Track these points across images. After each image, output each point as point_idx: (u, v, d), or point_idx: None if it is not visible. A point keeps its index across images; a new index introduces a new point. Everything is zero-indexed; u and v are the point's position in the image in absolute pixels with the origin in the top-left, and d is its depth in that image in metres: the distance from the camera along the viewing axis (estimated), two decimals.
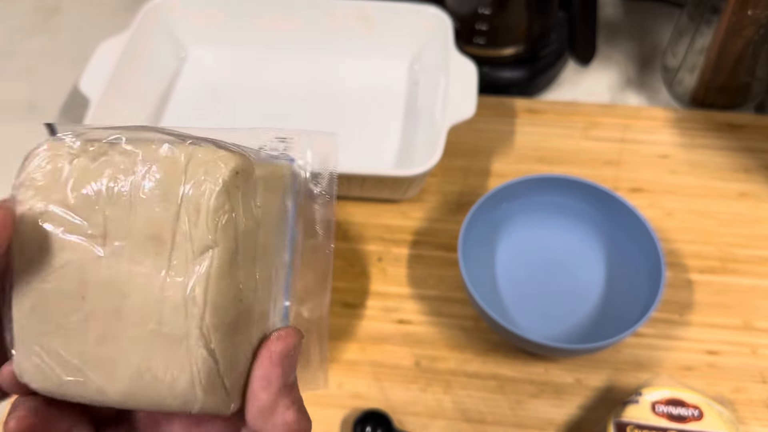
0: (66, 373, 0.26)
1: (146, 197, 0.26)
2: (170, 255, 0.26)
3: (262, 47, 0.71)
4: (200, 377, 0.26)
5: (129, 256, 0.26)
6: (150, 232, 0.26)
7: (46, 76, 0.76)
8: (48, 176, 0.26)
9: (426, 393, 0.51)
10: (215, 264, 0.25)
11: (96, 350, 0.26)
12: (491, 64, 0.68)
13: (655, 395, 0.45)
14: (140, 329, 0.26)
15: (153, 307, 0.26)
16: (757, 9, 0.57)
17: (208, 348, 0.26)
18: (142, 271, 0.26)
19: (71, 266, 0.26)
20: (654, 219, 0.59)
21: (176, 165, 0.26)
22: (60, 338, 0.26)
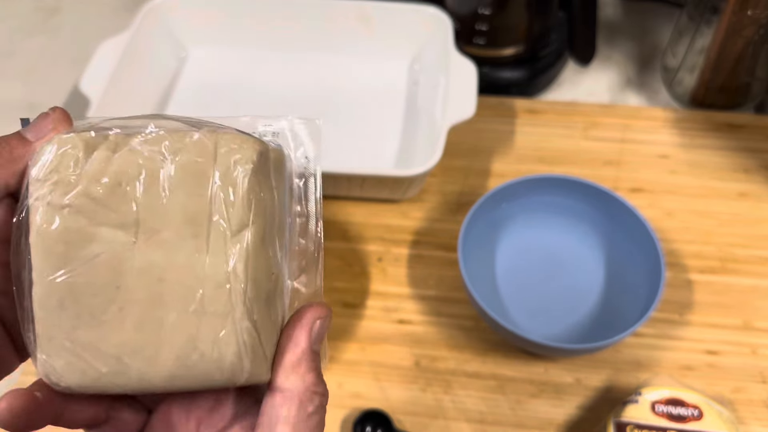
0: (104, 366, 0.26)
1: (178, 183, 0.27)
2: (208, 236, 0.26)
3: (262, 47, 0.71)
4: (246, 349, 0.27)
5: (165, 242, 0.26)
6: (186, 217, 0.26)
7: (46, 76, 0.76)
8: (66, 169, 0.26)
9: (426, 393, 0.51)
10: (252, 241, 0.27)
11: (135, 338, 0.26)
12: (491, 64, 0.68)
13: (655, 395, 0.45)
14: (182, 311, 0.26)
15: (195, 288, 0.26)
16: (757, 9, 0.57)
17: (252, 320, 0.27)
18: (181, 254, 0.26)
19: (102, 257, 0.26)
20: (654, 219, 0.59)
21: (206, 150, 0.27)
22: (95, 331, 0.26)
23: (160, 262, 0.26)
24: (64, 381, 0.26)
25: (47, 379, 0.26)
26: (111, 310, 0.26)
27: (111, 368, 0.26)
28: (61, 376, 0.26)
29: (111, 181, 0.26)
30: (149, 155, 0.26)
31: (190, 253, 0.26)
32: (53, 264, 0.26)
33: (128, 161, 0.26)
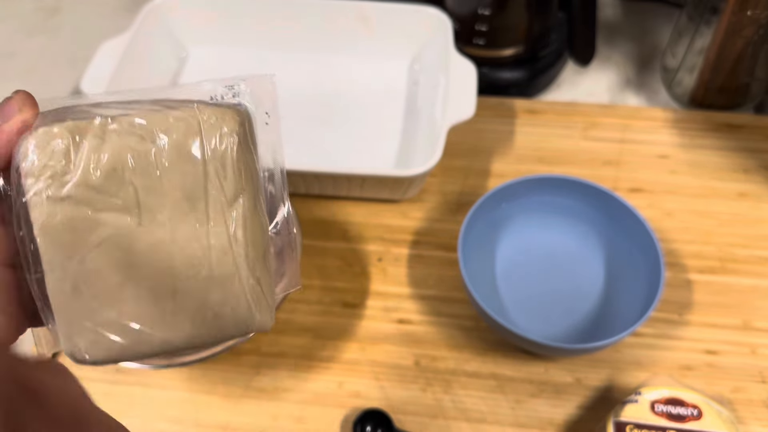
0: (128, 338, 0.28)
1: (171, 162, 0.28)
2: (206, 209, 0.29)
3: (262, 47, 0.71)
4: (254, 303, 0.30)
5: (168, 219, 0.28)
6: (184, 193, 0.28)
7: (47, 77, 0.76)
8: (59, 162, 0.26)
9: (426, 392, 0.51)
10: (247, 206, 0.29)
11: (153, 308, 0.28)
12: (491, 64, 0.68)
13: (655, 395, 0.45)
14: (194, 278, 0.29)
15: (202, 257, 0.29)
16: (757, 9, 0.57)
17: (255, 277, 0.30)
18: (184, 228, 0.28)
19: (110, 241, 0.27)
20: (653, 219, 0.59)
21: (191, 127, 0.28)
22: (114, 309, 0.28)
23: (165, 237, 0.28)
24: (91, 357, 0.28)
25: (73, 358, 0.28)
26: (127, 288, 0.28)
27: (134, 339, 0.29)
28: (87, 354, 0.28)
29: (106, 168, 0.27)
30: (139, 139, 0.28)
31: (193, 226, 0.28)
32: (63, 253, 0.27)
33: (120, 147, 0.27)
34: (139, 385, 0.52)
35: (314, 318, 0.55)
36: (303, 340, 0.54)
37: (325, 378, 0.52)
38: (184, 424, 0.50)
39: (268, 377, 0.52)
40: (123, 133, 0.27)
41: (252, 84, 0.32)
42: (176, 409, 0.51)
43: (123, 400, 0.51)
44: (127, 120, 0.28)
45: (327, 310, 0.55)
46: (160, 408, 0.51)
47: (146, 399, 0.51)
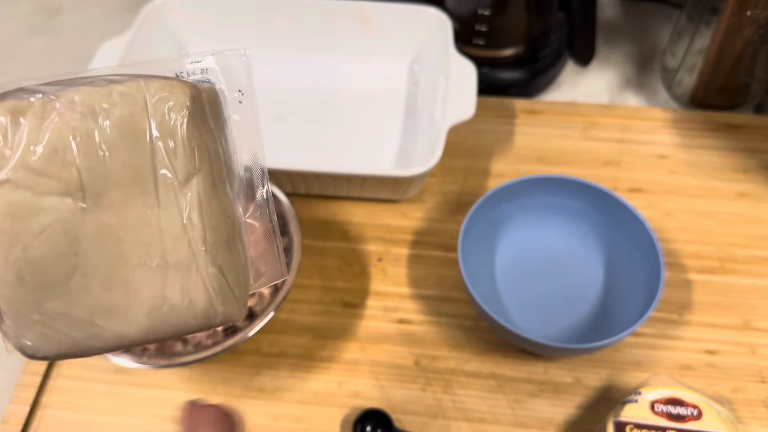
0: (78, 332, 0.26)
1: (116, 140, 0.26)
2: (156, 190, 0.26)
3: (262, 48, 0.71)
4: (215, 293, 0.27)
5: (114, 202, 0.26)
6: (130, 174, 0.26)
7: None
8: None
9: (426, 392, 0.51)
10: (202, 188, 0.27)
11: (104, 299, 0.26)
12: (491, 64, 0.68)
13: (654, 394, 0.45)
14: (146, 267, 0.26)
15: (154, 243, 0.26)
16: (756, 9, 0.57)
17: (216, 265, 0.27)
18: (133, 212, 0.26)
19: (54, 227, 0.25)
20: (653, 219, 0.59)
21: (136, 102, 0.26)
22: (62, 299, 0.26)
23: (113, 223, 0.26)
24: (41, 352, 0.26)
25: (22, 352, 0.26)
26: (75, 278, 0.26)
27: (85, 332, 0.26)
28: (37, 348, 0.26)
29: (47, 148, 0.25)
30: (80, 117, 0.26)
31: (142, 210, 0.26)
32: (4, 241, 0.25)
33: (60, 126, 0.25)
34: (139, 385, 0.52)
35: (314, 318, 0.55)
36: (303, 340, 0.54)
37: (325, 378, 0.52)
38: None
39: (268, 377, 0.52)
40: (64, 112, 0.25)
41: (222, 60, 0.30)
42: (176, 409, 0.51)
43: (123, 400, 0.51)
44: (67, 97, 0.25)
45: (327, 310, 0.55)
46: (160, 408, 0.51)
47: (146, 399, 0.51)
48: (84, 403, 0.52)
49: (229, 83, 0.30)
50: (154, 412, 0.51)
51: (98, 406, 0.51)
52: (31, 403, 0.51)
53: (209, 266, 0.27)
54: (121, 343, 0.27)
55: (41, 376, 0.52)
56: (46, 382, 0.52)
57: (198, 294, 0.27)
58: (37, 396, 0.52)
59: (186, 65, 0.29)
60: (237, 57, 0.30)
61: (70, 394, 0.52)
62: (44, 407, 0.51)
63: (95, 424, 0.51)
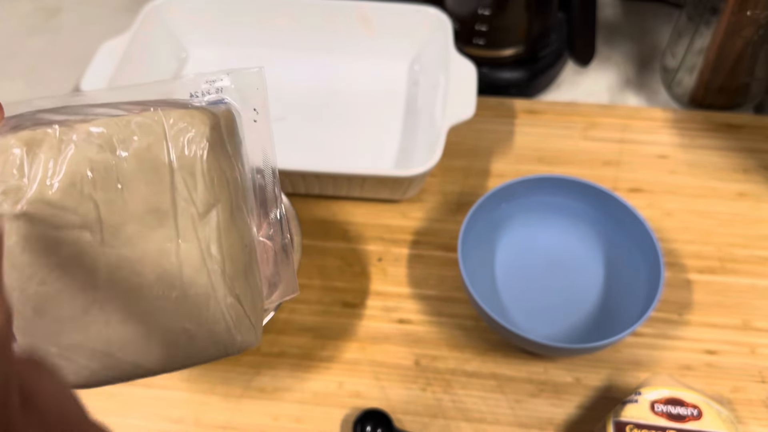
0: (96, 363, 0.26)
1: (134, 173, 0.25)
2: (176, 223, 0.26)
3: (262, 48, 0.71)
4: (233, 323, 0.27)
5: (133, 235, 0.26)
6: (149, 207, 0.26)
7: (47, 77, 0.76)
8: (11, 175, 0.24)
9: (426, 392, 0.51)
10: (221, 219, 0.27)
11: (122, 331, 0.26)
12: (491, 64, 0.68)
13: (654, 394, 0.45)
14: (165, 299, 0.26)
15: (173, 275, 0.26)
16: (756, 9, 0.57)
17: (234, 295, 0.27)
18: (152, 244, 0.26)
19: (72, 260, 0.25)
20: (653, 219, 0.59)
21: (155, 134, 0.26)
22: (79, 332, 0.26)
23: (131, 255, 0.26)
24: None
25: None
26: (92, 310, 0.26)
27: (103, 364, 0.26)
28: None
29: (64, 181, 0.25)
30: (97, 149, 0.25)
31: (161, 243, 0.26)
32: (20, 275, 0.25)
33: (78, 158, 0.25)
34: (140, 385, 0.52)
35: (314, 318, 0.55)
36: (303, 340, 0.54)
37: (325, 378, 0.52)
38: (184, 424, 0.50)
39: (268, 377, 0.52)
40: (81, 144, 0.25)
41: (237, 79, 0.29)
42: (176, 409, 0.51)
43: (123, 400, 0.51)
44: (85, 128, 0.25)
45: (327, 310, 0.55)
46: (160, 408, 0.51)
47: (146, 399, 0.51)
48: (84, 403, 0.51)
49: (245, 102, 0.30)
50: (154, 412, 0.51)
51: (98, 406, 0.51)
52: None
53: (227, 297, 0.27)
54: (140, 374, 0.27)
55: None
56: None
57: (217, 325, 0.27)
58: None
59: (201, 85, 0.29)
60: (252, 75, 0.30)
61: None
62: None
63: None
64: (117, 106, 0.27)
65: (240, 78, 0.30)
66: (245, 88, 0.30)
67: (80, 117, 0.26)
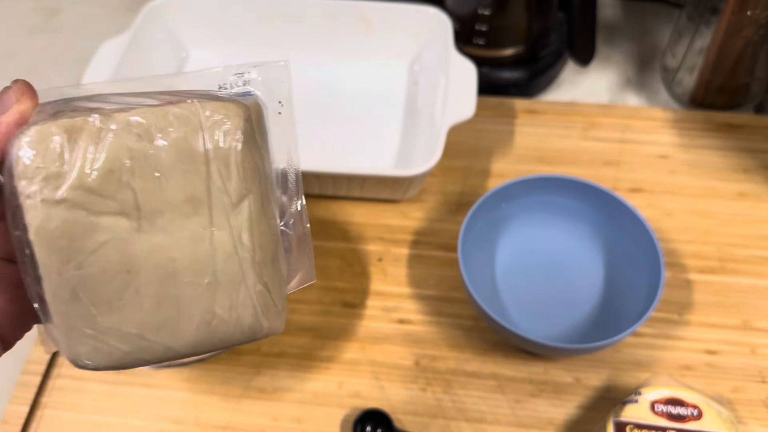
0: (128, 345, 0.27)
1: (171, 162, 0.26)
2: (210, 212, 0.27)
3: (262, 48, 0.71)
4: (261, 308, 0.28)
5: (169, 222, 0.27)
6: (185, 196, 0.27)
7: (47, 77, 0.76)
8: (53, 162, 0.25)
9: (426, 392, 0.51)
10: (253, 209, 0.28)
11: (155, 315, 0.27)
12: (491, 64, 0.68)
13: (655, 395, 0.45)
14: (197, 285, 0.27)
15: (206, 262, 0.27)
16: (757, 9, 0.57)
17: (263, 282, 0.28)
18: (186, 232, 0.27)
19: (108, 245, 0.26)
20: (653, 219, 0.59)
21: (191, 125, 0.27)
22: (113, 315, 0.27)
23: (167, 242, 0.27)
24: (92, 364, 0.27)
25: (74, 363, 0.27)
26: (127, 294, 0.27)
27: (135, 346, 0.27)
28: (88, 360, 0.27)
29: (103, 169, 0.26)
30: (136, 138, 0.26)
31: (195, 230, 0.27)
32: (59, 259, 0.26)
33: (117, 147, 0.26)
34: (139, 385, 0.52)
35: (314, 318, 0.55)
36: (303, 340, 0.54)
37: (325, 378, 0.52)
38: (184, 424, 0.50)
39: (268, 377, 0.52)
40: (120, 132, 0.26)
41: (264, 71, 0.30)
42: (176, 409, 0.51)
43: (123, 401, 0.51)
44: (124, 118, 0.26)
45: (327, 310, 0.55)
46: (160, 408, 0.51)
47: (146, 399, 0.51)
48: (84, 403, 0.51)
49: (270, 94, 0.30)
50: (154, 412, 0.51)
51: (98, 406, 0.51)
52: (30, 403, 0.51)
53: (257, 284, 0.28)
54: (170, 356, 0.28)
55: (41, 376, 0.52)
56: (46, 382, 0.52)
57: (246, 310, 0.28)
58: (37, 396, 0.52)
59: (229, 77, 0.30)
60: (278, 68, 0.30)
61: (70, 394, 0.52)
62: (44, 407, 0.51)
63: (95, 424, 0.51)
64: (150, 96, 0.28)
65: (266, 71, 0.30)
66: (271, 81, 0.31)
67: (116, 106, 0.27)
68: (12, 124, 0.26)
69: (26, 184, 0.25)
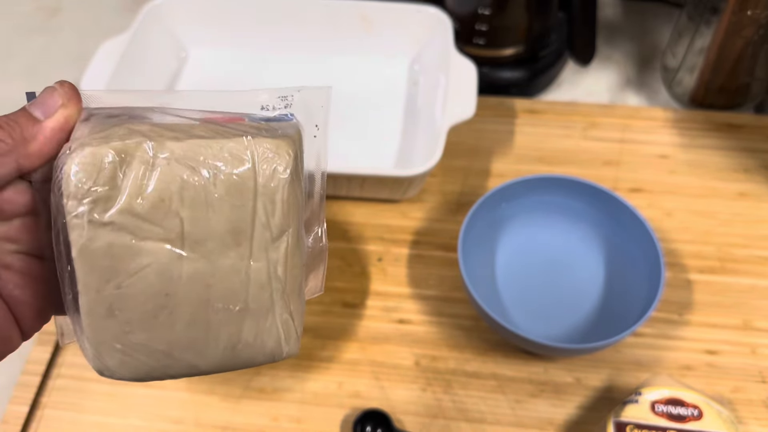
0: (156, 362, 0.28)
1: (221, 196, 0.27)
2: (251, 244, 0.28)
3: (262, 48, 0.71)
4: (285, 335, 0.30)
5: (211, 251, 0.28)
6: (230, 227, 0.28)
7: (47, 76, 0.76)
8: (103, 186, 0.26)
9: (426, 393, 0.51)
10: (290, 243, 0.29)
11: (184, 335, 0.28)
12: (491, 64, 0.68)
13: (655, 395, 0.45)
14: (229, 311, 0.28)
15: (240, 291, 0.28)
16: (757, 9, 0.57)
17: (289, 311, 0.30)
18: (227, 262, 0.28)
19: (149, 269, 0.27)
20: (653, 219, 0.59)
21: (244, 162, 0.27)
22: (146, 333, 0.28)
23: (206, 269, 0.28)
24: (117, 375, 0.28)
25: (100, 373, 0.28)
26: (162, 315, 0.28)
27: (162, 363, 0.29)
28: (114, 372, 0.28)
29: (153, 197, 0.26)
30: (190, 170, 0.27)
31: (235, 260, 0.28)
32: (99, 278, 0.26)
33: (169, 177, 0.26)
34: (139, 386, 0.52)
35: (314, 318, 0.55)
36: (303, 340, 0.53)
37: (325, 378, 0.52)
38: (184, 424, 0.50)
39: (267, 377, 0.52)
40: (173, 163, 0.26)
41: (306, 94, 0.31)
42: (176, 409, 0.51)
43: (123, 401, 0.51)
44: (177, 148, 0.27)
45: (327, 310, 0.55)
46: (160, 408, 0.51)
47: (146, 399, 0.51)
48: (84, 403, 0.51)
49: (308, 117, 0.31)
50: (154, 412, 0.51)
51: (98, 406, 0.51)
52: (30, 404, 0.51)
53: (284, 313, 0.29)
54: (193, 373, 0.29)
55: (41, 376, 0.52)
56: (46, 382, 0.52)
57: (270, 337, 0.30)
58: (36, 396, 0.52)
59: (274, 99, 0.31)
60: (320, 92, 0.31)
61: (70, 394, 0.52)
62: (44, 407, 0.51)
63: (95, 424, 0.51)
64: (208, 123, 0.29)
65: (308, 93, 0.31)
66: (311, 104, 0.31)
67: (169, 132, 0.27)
68: (57, 129, 0.26)
69: (75, 204, 0.25)
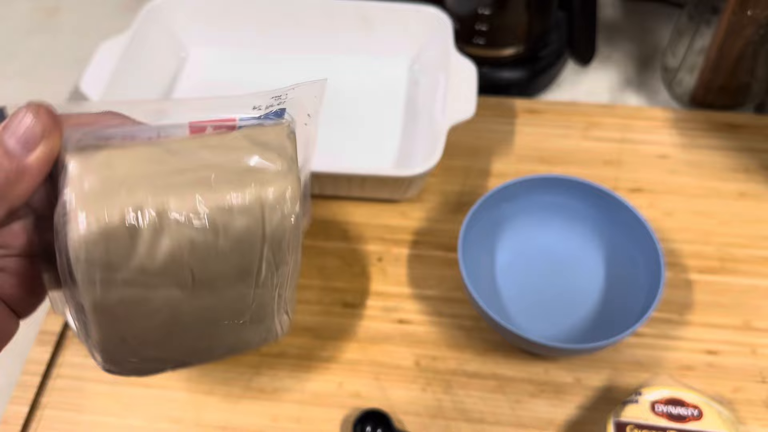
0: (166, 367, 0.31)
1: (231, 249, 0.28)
2: (257, 279, 0.30)
3: (262, 47, 0.71)
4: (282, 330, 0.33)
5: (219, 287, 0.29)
6: (238, 271, 0.29)
7: (47, 76, 0.76)
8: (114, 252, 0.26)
9: (426, 393, 0.51)
10: (292, 266, 0.31)
11: (193, 346, 0.31)
12: (491, 64, 0.68)
13: (655, 395, 0.45)
14: (234, 325, 0.31)
15: (244, 310, 0.30)
16: (757, 9, 0.57)
17: (287, 311, 0.32)
18: (232, 293, 0.29)
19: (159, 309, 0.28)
20: (653, 219, 0.59)
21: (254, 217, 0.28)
22: (158, 350, 0.30)
23: (213, 303, 0.29)
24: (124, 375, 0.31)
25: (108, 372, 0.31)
26: (171, 339, 0.30)
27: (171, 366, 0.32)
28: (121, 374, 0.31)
29: (164, 257, 0.27)
30: (199, 233, 0.27)
31: (241, 291, 0.30)
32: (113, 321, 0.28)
33: (178, 237, 0.27)
34: (139, 386, 0.52)
35: (314, 318, 0.55)
36: (303, 340, 0.54)
37: (325, 378, 0.52)
38: (184, 424, 0.50)
39: (267, 377, 0.52)
40: (183, 225, 0.27)
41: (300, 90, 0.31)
42: (176, 409, 0.51)
43: (123, 401, 0.51)
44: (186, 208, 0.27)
45: (327, 310, 0.55)
46: (160, 408, 0.51)
47: (146, 399, 0.51)
48: (84, 403, 0.51)
49: (301, 107, 0.32)
50: (154, 412, 0.51)
51: (98, 406, 0.51)
52: (30, 404, 0.51)
53: (283, 314, 0.32)
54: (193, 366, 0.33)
55: (41, 376, 0.52)
56: (46, 383, 0.52)
57: (269, 334, 0.32)
58: (36, 396, 0.52)
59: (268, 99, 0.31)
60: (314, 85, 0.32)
61: (70, 394, 0.52)
62: (44, 407, 0.51)
63: (95, 424, 0.51)
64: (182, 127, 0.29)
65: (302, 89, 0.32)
66: (304, 95, 0.32)
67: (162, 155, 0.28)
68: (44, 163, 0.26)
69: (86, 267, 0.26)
